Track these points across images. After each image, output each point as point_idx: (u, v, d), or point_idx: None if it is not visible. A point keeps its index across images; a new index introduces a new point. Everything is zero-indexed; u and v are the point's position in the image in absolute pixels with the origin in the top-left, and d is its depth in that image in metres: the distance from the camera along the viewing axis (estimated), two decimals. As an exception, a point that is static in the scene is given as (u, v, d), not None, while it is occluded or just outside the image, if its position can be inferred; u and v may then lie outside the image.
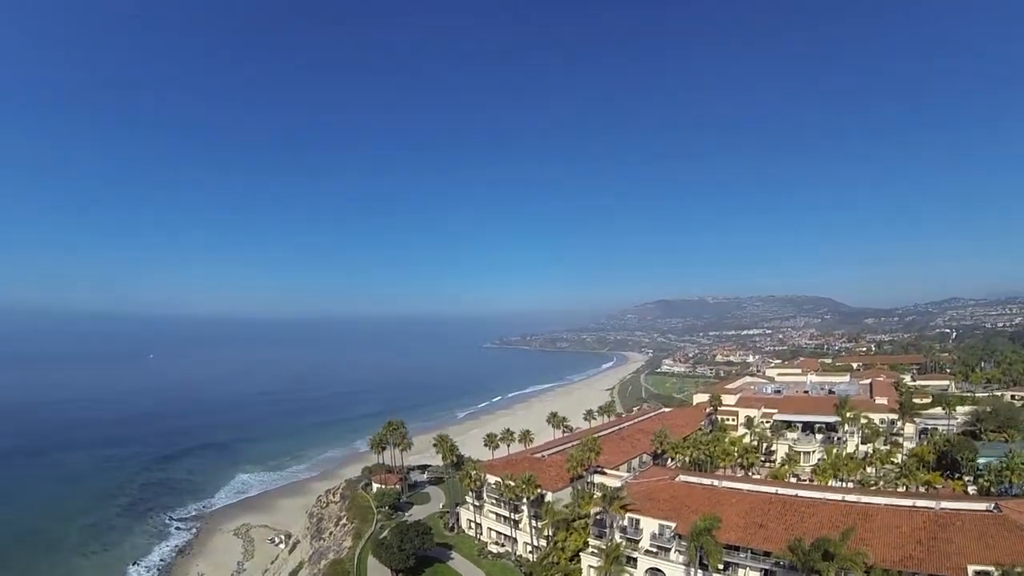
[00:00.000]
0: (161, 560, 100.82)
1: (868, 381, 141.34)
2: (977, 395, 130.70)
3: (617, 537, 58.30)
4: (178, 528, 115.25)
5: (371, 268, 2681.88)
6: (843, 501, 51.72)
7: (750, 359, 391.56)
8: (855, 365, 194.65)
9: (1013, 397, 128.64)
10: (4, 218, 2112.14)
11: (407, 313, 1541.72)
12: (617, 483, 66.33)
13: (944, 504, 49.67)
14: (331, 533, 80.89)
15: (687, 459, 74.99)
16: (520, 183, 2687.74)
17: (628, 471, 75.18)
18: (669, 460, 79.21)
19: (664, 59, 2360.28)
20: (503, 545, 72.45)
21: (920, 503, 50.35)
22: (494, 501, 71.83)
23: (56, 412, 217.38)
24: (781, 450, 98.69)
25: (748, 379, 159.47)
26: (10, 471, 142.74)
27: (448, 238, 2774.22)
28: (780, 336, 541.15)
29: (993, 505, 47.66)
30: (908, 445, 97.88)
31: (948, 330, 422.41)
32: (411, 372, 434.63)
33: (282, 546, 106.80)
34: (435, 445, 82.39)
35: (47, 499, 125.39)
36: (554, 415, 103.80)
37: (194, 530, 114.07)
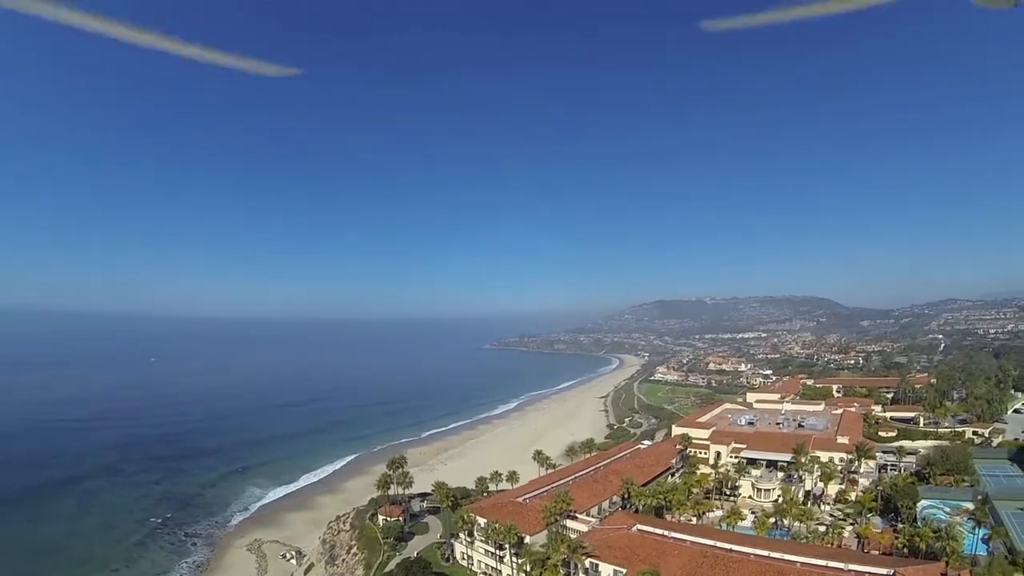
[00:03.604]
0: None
1: (840, 411, 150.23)
2: (940, 430, 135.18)
3: (581, 577, 69.06)
4: (194, 544, 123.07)
5: (373, 270, 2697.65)
6: (768, 558, 61.40)
7: (742, 367, 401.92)
8: (835, 387, 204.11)
9: (975, 433, 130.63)
10: (6, 218, 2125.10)
11: (407, 314, 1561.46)
12: (585, 528, 76.96)
13: (853, 566, 59.21)
14: (343, 560, 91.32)
15: (649, 503, 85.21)
16: (519, 186, 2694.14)
17: (598, 513, 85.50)
18: (636, 500, 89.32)
19: (661, 61, 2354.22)
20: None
21: (832, 563, 59.65)
22: (482, 540, 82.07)
23: (67, 432, 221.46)
24: (745, 486, 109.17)
25: (727, 406, 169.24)
26: (30, 490, 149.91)
27: (448, 240, 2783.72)
28: (775, 340, 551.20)
29: (892, 572, 57.12)
30: (864, 482, 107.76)
31: (939, 336, 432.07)
32: (413, 377, 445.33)
33: (293, 561, 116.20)
34: (432, 491, 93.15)
35: (67, 517, 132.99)
36: (539, 452, 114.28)
37: (212, 546, 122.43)
